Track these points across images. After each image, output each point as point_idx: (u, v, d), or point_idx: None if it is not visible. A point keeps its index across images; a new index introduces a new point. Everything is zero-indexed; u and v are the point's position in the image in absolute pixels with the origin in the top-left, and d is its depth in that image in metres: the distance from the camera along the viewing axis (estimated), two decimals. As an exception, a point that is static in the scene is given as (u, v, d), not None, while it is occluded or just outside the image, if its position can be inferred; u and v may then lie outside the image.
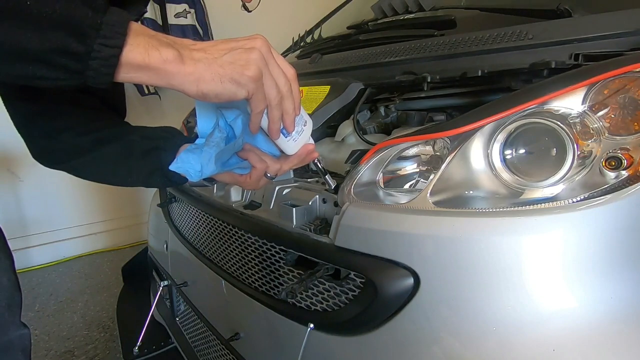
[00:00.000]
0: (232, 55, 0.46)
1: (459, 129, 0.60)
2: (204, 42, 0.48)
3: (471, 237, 0.54)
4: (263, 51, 0.48)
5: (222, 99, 0.47)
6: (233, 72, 0.46)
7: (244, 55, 0.47)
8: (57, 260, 2.59)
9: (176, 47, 0.45)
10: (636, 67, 0.54)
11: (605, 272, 0.52)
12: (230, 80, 0.46)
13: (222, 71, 0.46)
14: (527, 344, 0.51)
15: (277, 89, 0.50)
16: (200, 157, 0.55)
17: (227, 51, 0.46)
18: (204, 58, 0.45)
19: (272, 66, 0.49)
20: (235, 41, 0.48)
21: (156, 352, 1.32)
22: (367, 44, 1.08)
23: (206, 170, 0.55)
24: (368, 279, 0.60)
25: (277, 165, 0.62)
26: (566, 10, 0.76)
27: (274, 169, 0.62)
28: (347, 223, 0.64)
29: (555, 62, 0.65)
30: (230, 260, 0.91)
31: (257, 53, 0.47)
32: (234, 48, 0.47)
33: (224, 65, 0.46)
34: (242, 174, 0.62)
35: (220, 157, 0.56)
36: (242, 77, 0.46)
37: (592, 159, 0.54)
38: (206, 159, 0.55)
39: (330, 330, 0.66)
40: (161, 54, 0.43)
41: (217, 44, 0.47)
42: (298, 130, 0.57)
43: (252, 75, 0.46)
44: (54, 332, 1.80)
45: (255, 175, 0.61)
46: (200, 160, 0.55)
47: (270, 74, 0.49)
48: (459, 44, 0.84)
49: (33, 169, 2.49)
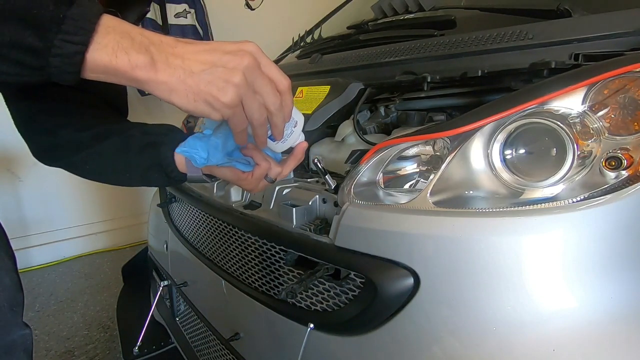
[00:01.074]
0: (211, 73, 0.42)
1: (459, 129, 0.60)
2: (188, 44, 0.44)
3: (471, 237, 0.54)
4: (248, 71, 0.44)
5: (196, 115, 0.44)
6: (207, 95, 0.42)
7: (225, 76, 0.43)
8: (57, 260, 2.59)
9: (151, 50, 0.41)
10: (636, 67, 0.54)
11: (605, 272, 0.52)
12: (204, 101, 0.43)
13: (196, 89, 0.42)
14: (527, 344, 0.51)
15: (261, 109, 0.47)
16: (207, 144, 0.54)
17: (208, 67, 0.42)
18: (179, 68, 0.42)
19: (260, 85, 0.46)
20: (220, 53, 0.43)
21: (156, 352, 1.32)
22: (367, 44, 1.08)
23: (212, 158, 0.55)
24: (368, 279, 0.60)
25: (278, 169, 0.61)
26: (566, 10, 0.76)
27: (275, 171, 0.61)
28: (347, 223, 0.64)
29: (555, 62, 0.65)
30: (230, 260, 0.91)
31: (240, 76, 0.43)
32: (215, 64, 0.43)
33: (199, 84, 0.42)
34: (244, 170, 0.60)
35: (225, 146, 0.55)
36: (216, 102, 0.43)
37: (592, 159, 0.54)
38: (213, 147, 0.54)
39: (330, 330, 0.66)
40: (130, 58, 0.39)
41: (200, 52, 0.43)
42: (288, 133, 0.57)
43: (228, 102, 0.43)
44: (54, 332, 1.80)
45: (258, 173, 0.60)
46: (207, 148, 0.54)
47: (254, 95, 0.45)
48: (459, 44, 0.84)
49: (33, 169, 2.49)
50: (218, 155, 0.55)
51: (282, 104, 0.49)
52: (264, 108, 0.47)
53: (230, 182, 0.64)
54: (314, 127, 0.94)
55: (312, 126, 0.94)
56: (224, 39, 2.95)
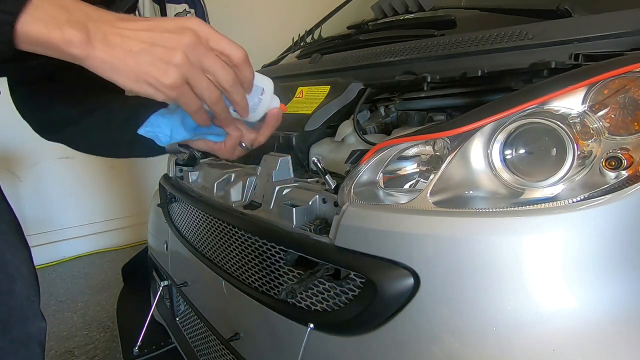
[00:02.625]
0: (150, 53, 0.41)
1: (459, 129, 0.60)
2: (129, 21, 0.42)
3: (471, 237, 0.54)
4: (190, 50, 0.42)
5: (142, 95, 0.43)
6: (148, 76, 0.41)
7: (165, 56, 0.41)
8: (57, 260, 2.59)
9: (88, 26, 0.39)
10: (636, 67, 0.54)
11: (605, 272, 0.52)
12: (146, 82, 0.41)
13: (137, 69, 0.40)
14: (527, 344, 0.51)
15: (211, 87, 0.45)
16: (170, 120, 0.53)
17: (147, 46, 0.40)
18: (119, 47, 0.40)
19: (207, 62, 0.43)
20: (160, 30, 0.41)
21: (156, 352, 1.32)
22: (367, 44, 1.08)
23: (176, 135, 0.54)
24: (368, 279, 0.60)
25: (252, 135, 0.59)
26: (566, 10, 0.76)
27: (249, 138, 0.59)
28: (347, 223, 0.64)
29: (555, 62, 0.65)
30: (230, 260, 0.91)
31: (180, 55, 0.41)
32: (154, 44, 0.41)
33: (140, 64, 0.40)
34: (216, 141, 0.58)
35: (189, 122, 0.53)
36: (158, 84, 0.41)
37: (592, 159, 0.54)
38: (177, 123, 0.53)
39: (330, 330, 0.66)
40: (63, 33, 0.37)
41: (140, 30, 0.41)
42: (255, 103, 0.54)
43: (170, 84, 0.42)
44: (54, 332, 1.80)
45: (230, 143, 0.59)
46: (170, 124, 0.53)
47: (202, 74, 0.44)
48: (459, 44, 0.84)
49: (33, 169, 2.49)
50: (181, 131, 0.53)
51: (237, 78, 0.46)
52: (213, 86, 0.45)
53: (206, 151, 0.63)
54: (314, 127, 0.94)
55: (312, 126, 0.94)
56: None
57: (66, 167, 2.59)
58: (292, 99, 1.06)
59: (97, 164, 2.71)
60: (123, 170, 2.80)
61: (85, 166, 2.66)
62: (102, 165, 2.73)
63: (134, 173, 2.83)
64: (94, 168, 2.70)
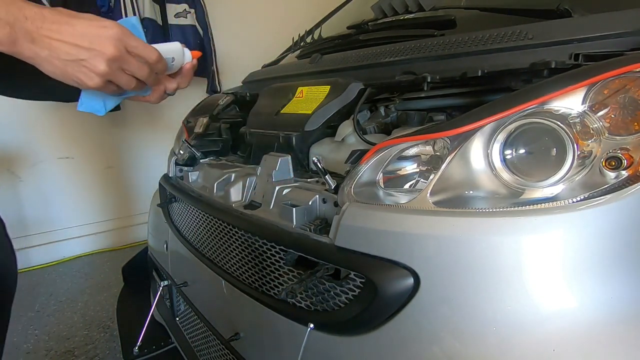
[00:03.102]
0: (78, 64, 0.50)
1: (459, 129, 0.60)
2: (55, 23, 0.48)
3: (471, 237, 0.54)
4: (111, 61, 0.51)
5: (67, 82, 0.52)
6: (75, 77, 0.51)
7: (90, 67, 0.50)
8: (57, 260, 2.59)
9: (16, 26, 0.45)
10: (636, 67, 0.54)
11: (605, 272, 0.52)
12: (73, 81, 0.51)
13: (63, 70, 0.49)
14: (527, 344, 0.51)
15: (130, 80, 0.55)
16: (100, 94, 0.61)
17: (73, 59, 0.49)
18: (46, 49, 0.47)
19: (126, 66, 0.54)
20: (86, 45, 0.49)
21: (156, 352, 1.32)
22: (367, 44, 1.08)
23: (109, 104, 0.63)
24: (368, 279, 0.60)
25: (173, 85, 0.68)
26: (566, 10, 0.76)
27: (171, 87, 0.68)
28: (347, 223, 0.64)
29: (555, 62, 0.65)
30: (230, 260, 0.91)
31: (103, 66, 0.51)
32: (80, 58, 0.49)
33: (66, 68, 0.49)
34: (144, 96, 0.67)
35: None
36: (83, 84, 0.52)
37: (592, 159, 0.54)
38: (107, 95, 0.61)
39: (330, 330, 0.66)
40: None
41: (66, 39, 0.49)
42: (170, 67, 0.65)
43: (94, 85, 0.52)
44: (54, 332, 1.80)
45: (156, 95, 0.68)
46: (101, 97, 0.62)
47: (122, 72, 0.54)
48: (459, 44, 0.84)
49: (33, 169, 2.49)
50: (112, 99, 0.63)
51: (152, 71, 0.58)
52: (131, 78, 0.56)
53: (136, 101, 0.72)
54: (314, 127, 0.94)
55: (312, 126, 0.94)
56: (224, 38, 2.96)
57: (66, 167, 2.59)
58: (292, 99, 1.06)
59: (97, 164, 2.71)
60: (123, 170, 2.81)
61: (85, 166, 2.66)
62: (101, 165, 2.73)
63: (134, 173, 2.83)
64: (94, 168, 2.70)
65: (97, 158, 2.70)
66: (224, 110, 1.35)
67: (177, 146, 1.38)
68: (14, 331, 1.80)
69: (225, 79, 2.91)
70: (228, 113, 1.36)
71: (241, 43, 2.96)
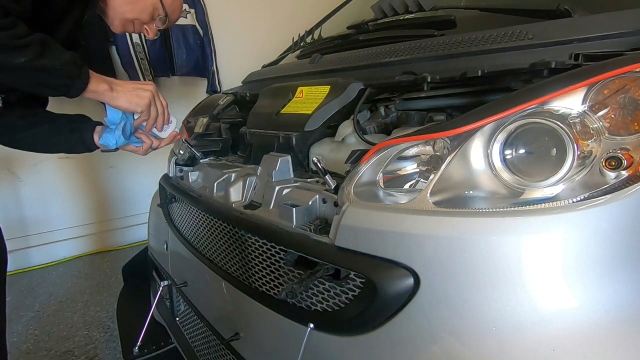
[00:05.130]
0: (136, 94, 0.95)
1: (459, 129, 0.60)
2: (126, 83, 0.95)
3: (471, 237, 0.54)
4: (150, 97, 0.97)
5: (126, 110, 0.96)
6: (134, 101, 0.94)
7: (142, 95, 0.95)
8: (57, 260, 2.59)
9: (111, 84, 0.91)
10: (636, 67, 0.54)
11: (605, 272, 0.52)
12: (132, 104, 0.95)
13: (129, 99, 0.94)
14: (527, 344, 0.51)
15: (156, 112, 1.00)
16: (114, 136, 0.99)
17: (134, 91, 0.94)
18: (122, 92, 0.93)
19: (157, 103, 1.00)
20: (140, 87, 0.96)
21: (156, 352, 1.32)
22: (367, 44, 1.09)
23: (119, 142, 1.00)
24: (368, 279, 0.60)
25: (157, 142, 1.08)
26: (566, 10, 0.76)
27: (156, 144, 1.08)
28: (347, 223, 0.64)
29: (555, 62, 0.65)
30: (230, 260, 0.91)
31: (149, 96, 0.96)
32: (137, 89, 0.95)
33: (131, 97, 0.94)
34: (137, 146, 1.06)
35: (125, 135, 1.00)
36: (137, 106, 0.96)
37: (592, 159, 0.54)
38: (118, 136, 0.99)
39: (330, 330, 0.66)
40: (103, 87, 0.90)
41: (130, 85, 0.95)
42: (165, 128, 1.07)
43: (143, 105, 0.96)
44: (54, 332, 1.80)
45: (145, 147, 1.06)
46: (115, 138, 0.99)
47: (155, 106, 0.99)
48: (459, 44, 0.84)
49: (33, 169, 2.49)
50: (122, 140, 1.00)
51: (165, 114, 1.03)
52: (157, 112, 1.01)
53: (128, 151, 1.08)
54: (314, 127, 0.94)
55: (312, 126, 0.94)
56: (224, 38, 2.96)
57: (66, 167, 2.59)
58: (292, 99, 1.06)
59: (97, 165, 2.71)
60: (123, 171, 2.80)
61: (85, 166, 2.66)
62: (101, 165, 2.73)
63: (134, 173, 2.83)
64: (94, 168, 2.70)
65: (97, 158, 2.70)
66: (224, 110, 1.35)
67: (177, 146, 1.38)
68: (14, 331, 1.80)
69: (225, 79, 2.91)
70: (228, 113, 1.36)
71: (241, 43, 2.95)
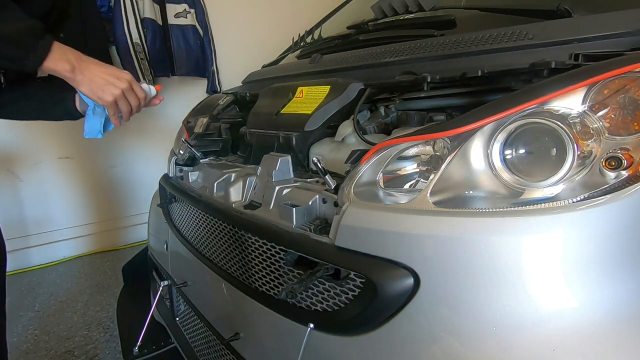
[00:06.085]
0: (105, 86, 0.88)
1: (459, 129, 0.60)
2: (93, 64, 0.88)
3: (471, 237, 0.54)
4: (122, 91, 0.91)
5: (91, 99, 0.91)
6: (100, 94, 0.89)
7: (111, 90, 0.89)
8: (57, 260, 2.59)
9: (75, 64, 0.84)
10: (636, 67, 0.54)
11: (605, 272, 0.52)
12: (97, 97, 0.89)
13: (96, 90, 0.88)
14: (527, 344, 0.51)
15: (127, 107, 0.95)
16: (98, 124, 1.01)
17: (104, 82, 0.88)
18: (89, 78, 0.87)
19: (129, 97, 0.94)
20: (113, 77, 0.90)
21: (156, 352, 1.32)
22: (367, 44, 1.08)
23: (103, 130, 1.03)
24: (368, 279, 0.60)
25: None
26: (566, 10, 0.76)
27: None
28: (347, 223, 0.64)
29: (555, 62, 0.65)
30: (230, 260, 0.91)
31: (119, 92, 0.90)
32: (108, 83, 0.89)
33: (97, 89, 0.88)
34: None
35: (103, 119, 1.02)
36: (102, 100, 0.90)
37: (592, 159, 0.54)
38: (99, 124, 1.02)
39: (330, 330, 0.66)
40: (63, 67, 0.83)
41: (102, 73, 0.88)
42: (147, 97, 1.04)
43: (108, 101, 0.90)
44: (54, 332, 1.80)
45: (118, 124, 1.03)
46: (99, 128, 1.02)
47: (125, 100, 0.93)
48: (459, 44, 0.84)
49: (33, 169, 2.49)
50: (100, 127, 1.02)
51: (141, 104, 0.98)
52: (129, 106, 0.95)
53: None
54: (314, 127, 0.94)
55: (312, 126, 0.94)
56: (224, 38, 2.96)
57: (66, 167, 2.59)
58: (292, 99, 1.06)
59: (97, 164, 2.71)
60: (123, 170, 2.80)
61: (85, 166, 2.66)
62: (102, 165, 2.73)
63: (134, 173, 2.83)
64: (94, 168, 2.70)
65: (97, 158, 2.70)
66: (224, 110, 1.35)
67: (177, 146, 1.38)
68: (14, 331, 1.80)
69: (225, 79, 2.91)
70: (228, 113, 1.36)
71: (241, 43, 2.95)
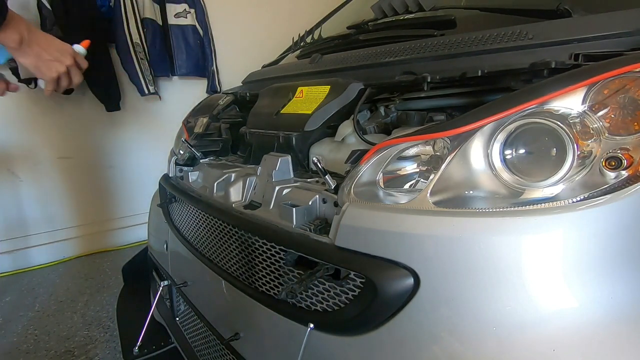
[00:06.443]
0: (51, 62, 0.92)
1: (459, 129, 0.60)
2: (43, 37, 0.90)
3: (471, 237, 0.54)
4: (66, 67, 0.94)
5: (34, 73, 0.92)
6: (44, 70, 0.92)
7: (55, 67, 0.93)
8: (57, 260, 2.59)
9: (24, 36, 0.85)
10: (636, 67, 0.54)
11: (605, 272, 0.52)
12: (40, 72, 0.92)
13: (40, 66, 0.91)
14: (527, 344, 0.51)
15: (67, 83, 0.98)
16: None
17: (50, 59, 0.91)
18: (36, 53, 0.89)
19: (73, 73, 0.97)
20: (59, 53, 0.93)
21: (156, 352, 1.32)
22: (367, 44, 1.08)
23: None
24: (368, 279, 0.60)
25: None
26: (566, 10, 0.76)
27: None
28: (347, 223, 0.64)
29: (555, 62, 0.65)
30: (230, 260, 0.91)
31: (63, 69, 0.94)
32: (53, 59, 0.92)
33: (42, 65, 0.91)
34: None
35: None
36: (45, 76, 0.93)
37: (592, 159, 0.54)
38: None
39: (330, 330, 0.66)
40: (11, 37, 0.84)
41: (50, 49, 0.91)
42: None
43: (51, 77, 0.93)
44: (54, 332, 1.80)
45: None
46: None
47: (67, 77, 0.96)
48: (459, 44, 0.84)
49: (33, 169, 2.49)
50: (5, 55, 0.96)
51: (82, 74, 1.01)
52: (69, 82, 0.99)
53: None
54: (314, 127, 0.94)
55: (312, 126, 0.94)
56: (223, 38, 2.96)
57: (66, 167, 2.59)
58: (292, 99, 1.06)
59: (97, 164, 2.71)
60: (123, 170, 2.80)
61: (85, 166, 2.66)
62: (101, 165, 2.73)
63: (134, 173, 2.83)
64: (94, 168, 2.70)
65: (97, 158, 2.70)
66: (224, 110, 1.35)
67: (177, 146, 1.38)
68: (14, 331, 1.80)
69: (225, 79, 2.91)
70: (228, 113, 1.36)
71: (241, 43, 2.95)
